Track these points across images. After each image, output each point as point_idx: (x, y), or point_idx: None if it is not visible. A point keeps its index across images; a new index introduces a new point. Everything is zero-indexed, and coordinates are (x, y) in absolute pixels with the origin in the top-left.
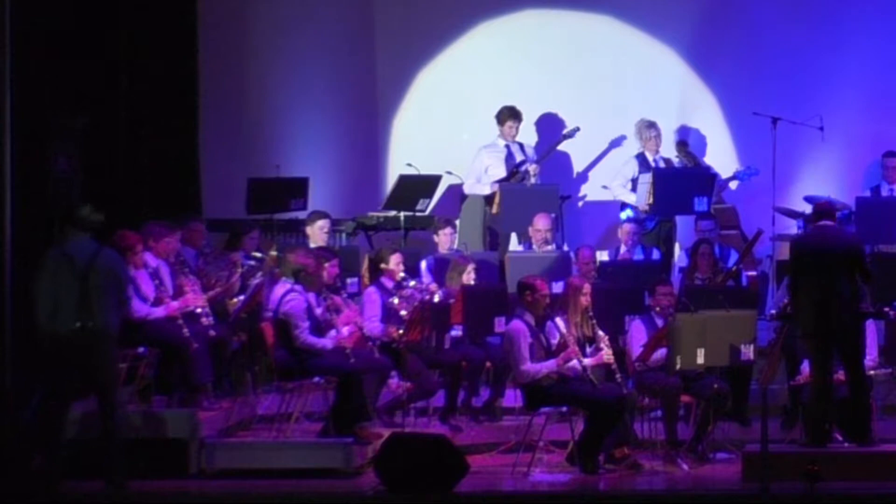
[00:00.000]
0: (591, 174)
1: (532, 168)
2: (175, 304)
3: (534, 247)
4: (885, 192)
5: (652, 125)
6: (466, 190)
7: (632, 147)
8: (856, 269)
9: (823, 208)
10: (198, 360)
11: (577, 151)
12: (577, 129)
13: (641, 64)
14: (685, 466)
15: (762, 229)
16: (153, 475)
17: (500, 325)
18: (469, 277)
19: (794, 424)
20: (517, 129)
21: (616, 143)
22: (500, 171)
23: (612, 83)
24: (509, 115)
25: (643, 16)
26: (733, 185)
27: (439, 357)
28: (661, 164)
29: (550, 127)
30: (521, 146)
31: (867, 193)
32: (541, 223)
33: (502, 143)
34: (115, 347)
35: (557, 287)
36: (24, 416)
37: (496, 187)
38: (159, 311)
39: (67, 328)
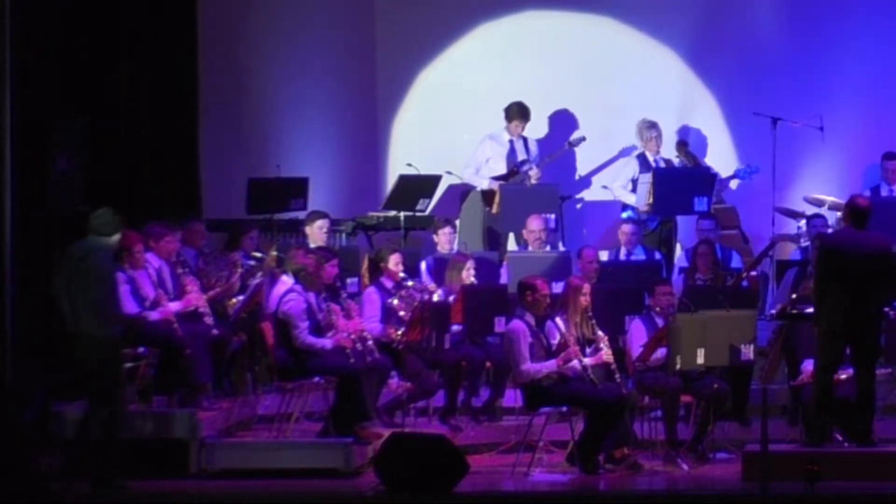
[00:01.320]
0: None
1: (533, 173)
2: (173, 305)
3: (529, 248)
4: (884, 193)
5: (653, 125)
6: (465, 178)
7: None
8: (885, 271)
9: (860, 209)
10: (197, 360)
11: (579, 151)
12: (583, 138)
13: (641, 64)
14: (685, 466)
15: (776, 239)
16: (153, 475)
17: (500, 324)
18: (468, 274)
19: (796, 424)
20: (524, 127)
21: (626, 152)
22: (501, 167)
23: (612, 83)
24: (518, 114)
25: (643, 16)
26: (734, 184)
27: (439, 357)
28: (662, 165)
29: (562, 124)
30: (525, 142)
31: (866, 193)
32: (534, 224)
33: (507, 137)
34: (103, 351)
35: (557, 287)
36: (25, 415)
37: (495, 185)
38: (154, 315)
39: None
